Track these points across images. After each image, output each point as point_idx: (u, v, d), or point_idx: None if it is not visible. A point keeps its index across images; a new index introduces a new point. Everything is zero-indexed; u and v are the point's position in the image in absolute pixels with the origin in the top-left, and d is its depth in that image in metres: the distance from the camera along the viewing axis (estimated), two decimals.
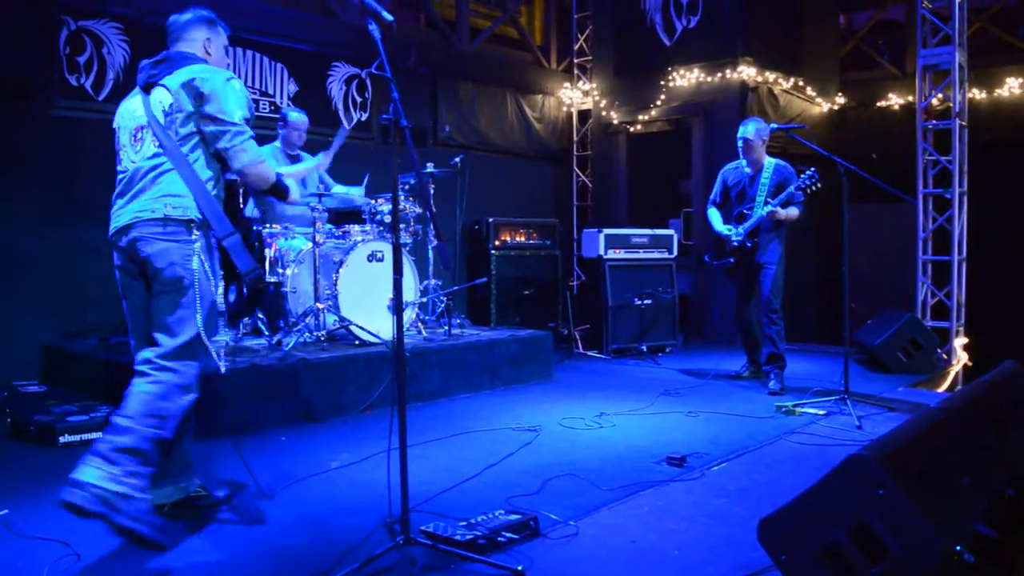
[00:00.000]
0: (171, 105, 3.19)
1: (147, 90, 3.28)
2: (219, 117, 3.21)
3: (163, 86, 3.23)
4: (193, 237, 3.18)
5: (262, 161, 3.35)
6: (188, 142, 3.23)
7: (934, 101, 8.27)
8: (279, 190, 3.55)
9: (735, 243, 6.30)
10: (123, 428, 2.99)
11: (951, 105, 8.03)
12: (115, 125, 3.42)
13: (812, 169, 6.01)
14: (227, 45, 3.55)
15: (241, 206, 4.23)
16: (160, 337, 3.17)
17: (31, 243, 6.15)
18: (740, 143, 6.27)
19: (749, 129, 6.24)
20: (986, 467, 2.90)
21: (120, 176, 3.32)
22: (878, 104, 10.57)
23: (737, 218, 6.37)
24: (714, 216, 6.53)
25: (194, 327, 3.17)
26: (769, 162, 6.28)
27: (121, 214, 3.23)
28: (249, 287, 3.31)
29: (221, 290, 3.33)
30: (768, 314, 6.19)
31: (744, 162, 6.37)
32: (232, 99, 3.24)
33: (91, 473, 2.87)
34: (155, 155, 3.20)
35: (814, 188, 5.99)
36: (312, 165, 5.86)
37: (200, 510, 3.39)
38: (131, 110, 3.34)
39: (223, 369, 3.39)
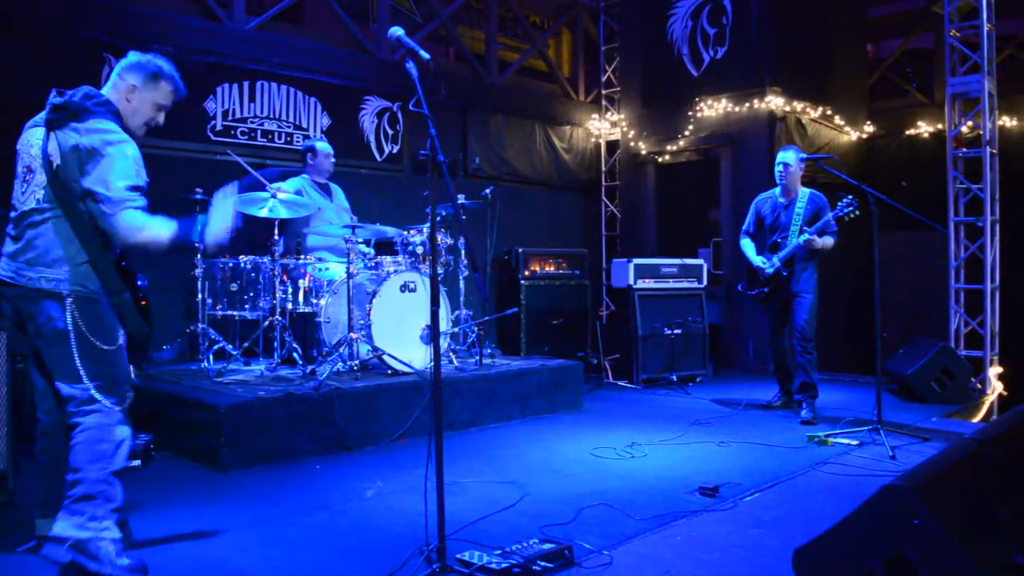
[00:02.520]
0: (58, 166, 3.02)
1: (49, 128, 3.08)
2: (97, 192, 3.01)
3: (57, 140, 3.05)
4: (67, 302, 3.03)
5: (142, 227, 3.05)
6: (71, 198, 3.05)
7: (964, 129, 8.24)
8: (183, 245, 3.20)
9: (769, 272, 6.31)
10: (71, 479, 3.05)
11: (981, 133, 8.01)
12: (18, 147, 3.22)
13: (849, 197, 5.98)
14: (165, 104, 3.35)
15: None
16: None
17: None
18: (780, 168, 6.28)
19: (790, 155, 6.27)
20: (1023, 497, 2.89)
21: (12, 213, 3.17)
22: (907, 132, 10.54)
23: (771, 247, 6.37)
24: (747, 247, 6.54)
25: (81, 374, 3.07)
26: (804, 191, 6.29)
27: (4, 266, 3.13)
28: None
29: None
30: (802, 343, 6.17)
31: (778, 191, 6.39)
32: (116, 168, 3.02)
33: (60, 526, 3.01)
34: (36, 208, 3.07)
35: (852, 216, 5.97)
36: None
37: None
38: (31, 143, 3.15)
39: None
